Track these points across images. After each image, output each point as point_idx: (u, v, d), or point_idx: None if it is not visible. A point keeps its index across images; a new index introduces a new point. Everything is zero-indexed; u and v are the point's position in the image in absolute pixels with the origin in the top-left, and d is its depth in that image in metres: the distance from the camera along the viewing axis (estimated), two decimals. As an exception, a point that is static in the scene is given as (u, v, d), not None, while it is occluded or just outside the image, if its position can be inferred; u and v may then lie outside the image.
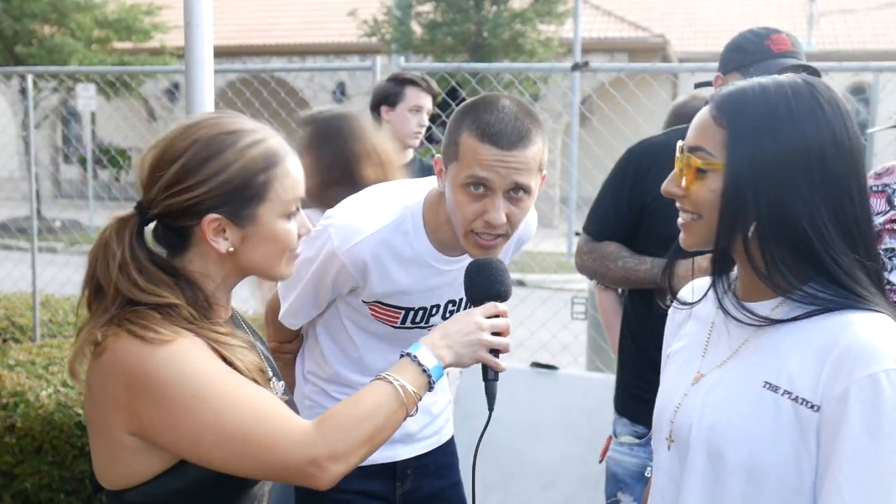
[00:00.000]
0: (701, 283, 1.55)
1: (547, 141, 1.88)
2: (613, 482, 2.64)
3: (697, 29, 21.30)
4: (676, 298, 1.54)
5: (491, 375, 1.63)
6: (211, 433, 1.36)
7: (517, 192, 1.81)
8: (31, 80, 5.16)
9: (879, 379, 1.19)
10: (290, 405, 1.57)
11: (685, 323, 1.55)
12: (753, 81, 1.35)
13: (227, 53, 19.95)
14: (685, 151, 1.36)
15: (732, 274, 1.52)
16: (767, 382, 1.29)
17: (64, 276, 5.75)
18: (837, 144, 1.30)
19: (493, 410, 1.64)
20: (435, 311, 2.10)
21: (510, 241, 2.09)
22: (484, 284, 1.67)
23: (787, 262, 1.30)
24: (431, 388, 1.53)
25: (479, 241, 1.85)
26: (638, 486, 2.56)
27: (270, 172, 1.48)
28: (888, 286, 2.28)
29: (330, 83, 19.41)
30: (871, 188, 2.24)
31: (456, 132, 1.84)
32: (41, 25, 15.88)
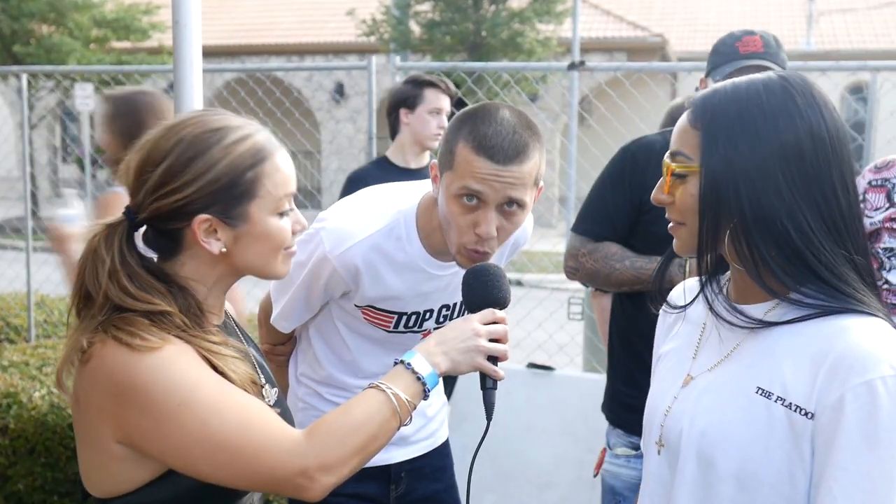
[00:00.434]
0: (692, 283, 1.53)
1: (545, 153, 1.85)
2: (611, 496, 2.57)
3: (697, 28, 21.28)
4: (667, 302, 1.52)
5: (489, 384, 1.58)
6: (198, 443, 1.33)
7: (511, 205, 1.78)
8: (25, 79, 5.14)
9: (876, 386, 1.17)
10: (283, 414, 1.55)
11: (677, 324, 1.53)
12: (728, 82, 1.34)
13: (225, 53, 19.94)
14: (670, 157, 1.35)
15: (725, 275, 1.50)
16: (760, 388, 1.26)
17: (59, 276, 5.71)
18: (814, 138, 1.27)
19: (490, 420, 1.59)
20: (428, 315, 2.08)
21: (505, 245, 2.07)
22: (482, 291, 1.63)
23: (776, 261, 1.27)
24: (426, 396, 1.48)
25: (468, 253, 1.83)
26: (636, 498, 2.51)
27: (259, 168, 1.44)
28: (887, 286, 2.26)
29: (328, 83, 19.39)
30: (869, 183, 2.22)
31: (453, 140, 1.81)
32: (39, 25, 15.88)
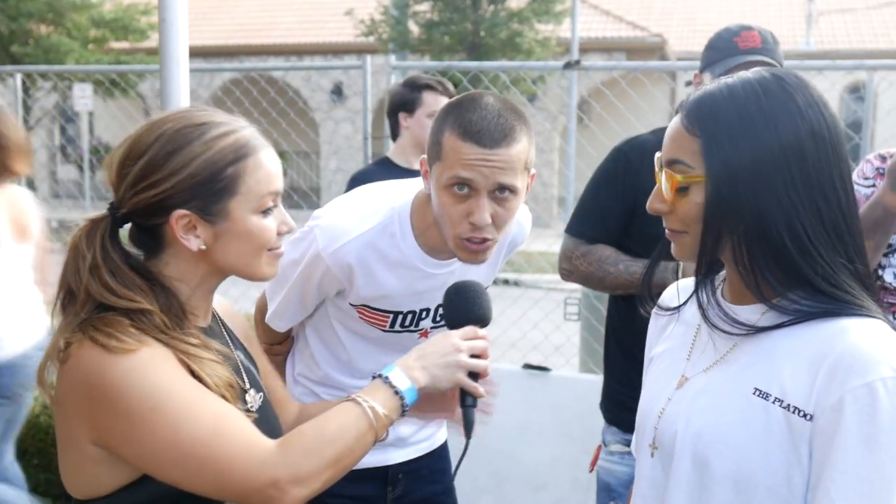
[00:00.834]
0: (686, 284, 1.51)
1: (534, 138, 1.84)
2: (605, 492, 2.57)
3: (696, 28, 21.25)
4: (658, 304, 1.50)
5: (469, 401, 1.56)
6: (168, 448, 1.31)
7: (503, 191, 1.77)
8: (19, 79, 5.14)
9: (876, 388, 1.15)
10: (268, 420, 1.52)
11: (670, 325, 1.50)
12: (721, 83, 1.29)
13: (224, 53, 19.96)
14: (666, 166, 1.31)
15: (720, 275, 1.48)
16: (758, 389, 1.24)
17: (57, 275, 5.70)
18: (816, 137, 1.24)
19: (470, 438, 1.57)
20: (425, 314, 2.06)
21: (502, 243, 2.06)
22: (463, 308, 1.61)
23: (771, 269, 1.25)
24: (405, 411, 1.45)
25: (467, 245, 1.81)
26: None
27: (240, 165, 1.42)
28: (883, 285, 2.24)
29: (327, 83, 19.39)
30: (878, 170, 2.26)
31: (439, 132, 1.80)
32: (37, 25, 15.88)
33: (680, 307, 1.47)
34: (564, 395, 3.81)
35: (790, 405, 1.21)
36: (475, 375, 1.54)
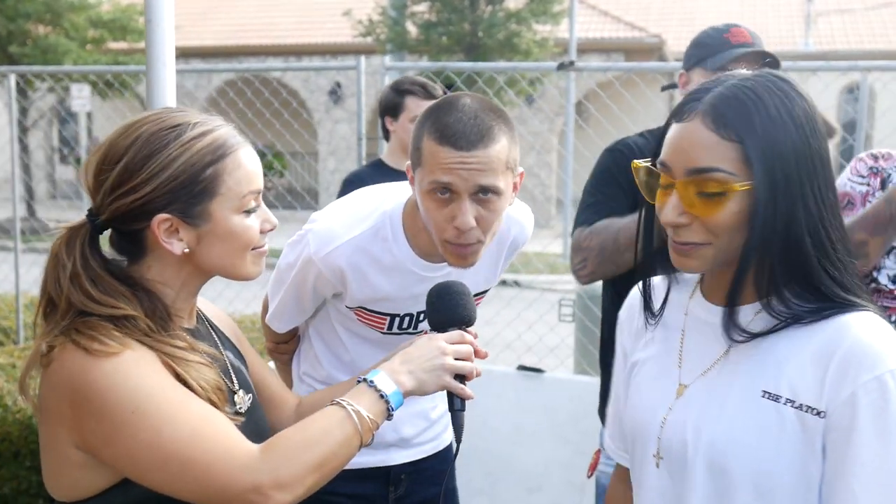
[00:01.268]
0: (655, 283, 1.49)
1: (517, 137, 1.82)
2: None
3: (695, 29, 20.94)
4: (650, 310, 1.47)
5: (458, 405, 1.53)
6: (149, 452, 1.30)
7: (485, 193, 1.75)
8: (13, 79, 5.12)
9: (886, 380, 1.18)
10: (256, 421, 1.51)
11: (647, 328, 1.48)
12: (734, 85, 1.26)
13: (223, 54, 19.95)
14: (690, 175, 1.24)
15: (689, 276, 1.45)
16: (766, 392, 1.25)
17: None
18: (824, 139, 1.27)
19: (460, 443, 1.56)
20: (423, 317, 2.05)
21: (502, 244, 2.06)
22: (446, 310, 1.59)
23: (784, 271, 1.25)
24: (390, 415, 1.44)
25: (454, 249, 1.81)
26: None
27: (219, 165, 1.40)
28: (878, 287, 2.24)
29: (325, 83, 19.37)
30: (871, 168, 2.25)
31: (418, 137, 1.80)
32: (35, 25, 15.85)
33: (658, 316, 1.45)
34: (559, 396, 3.80)
35: (802, 405, 1.22)
36: (463, 378, 1.52)
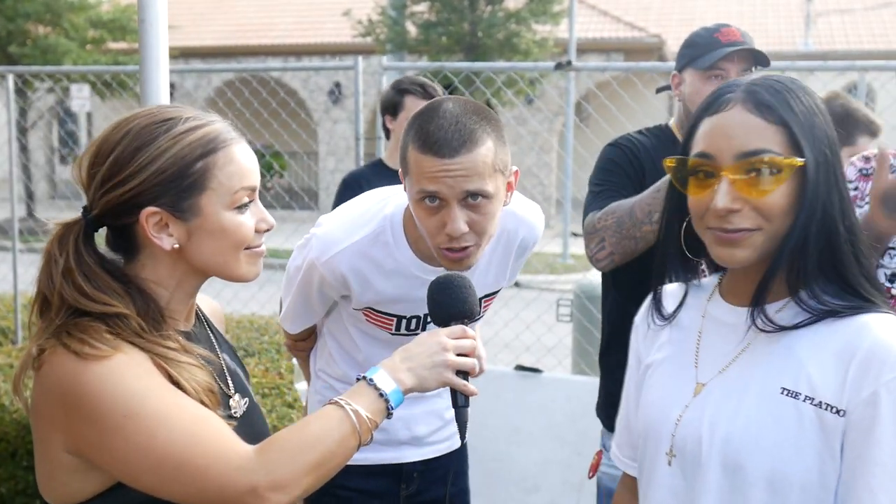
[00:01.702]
0: (672, 289, 1.50)
1: (504, 137, 1.80)
2: (608, 498, 2.49)
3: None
4: (660, 312, 1.47)
5: (461, 401, 1.52)
6: (143, 455, 1.28)
7: (474, 198, 1.74)
8: (11, 79, 5.12)
9: None
10: (252, 425, 1.50)
11: (662, 332, 1.48)
12: (762, 79, 1.29)
13: (223, 54, 19.95)
14: (740, 159, 1.24)
15: (707, 281, 1.46)
16: (785, 388, 1.25)
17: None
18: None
19: (464, 439, 1.56)
20: (430, 319, 2.05)
21: (511, 246, 2.06)
22: (447, 304, 1.58)
23: (816, 262, 1.26)
24: (390, 414, 1.42)
25: (448, 254, 1.80)
26: None
27: (210, 159, 1.38)
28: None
29: (325, 83, 19.36)
30: (861, 171, 2.24)
31: (405, 146, 1.80)
32: (35, 26, 15.85)
33: (671, 317, 1.45)
34: (556, 396, 3.80)
35: (822, 402, 1.22)
36: (465, 375, 1.50)
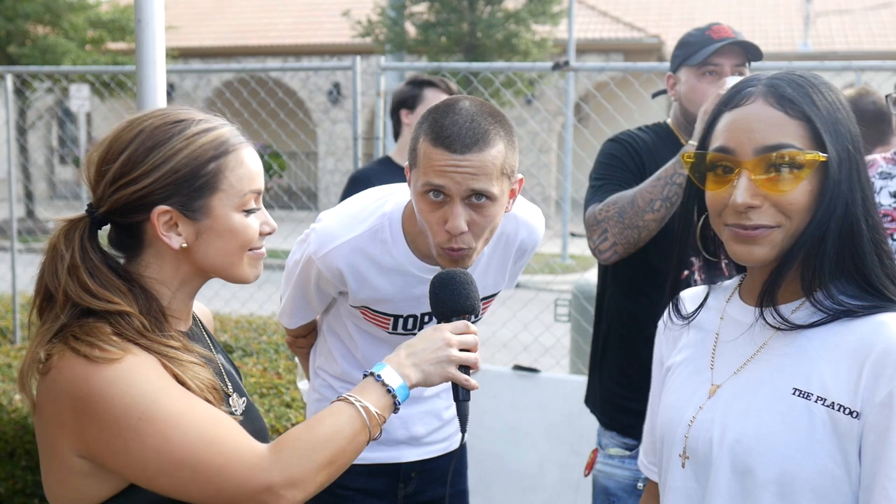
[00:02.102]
0: (694, 292, 1.50)
1: (516, 143, 1.81)
2: (604, 496, 2.54)
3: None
4: (679, 312, 1.47)
5: (462, 395, 1.55)
6: (159, 458, 1.29)
7: (479, 198, 1.75)
8: (10, 79, 5.12)
9: None
10: (251, 423, 1.51)
11: (684, 334, 1.47)
12: (783, 74, 1.28)
13: (222, 54, 19.96)
14: (761, 153, 1.22)
15: (728, 283, 1.46)
16: (797, 389, 1.23)
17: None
18: None
19: (465, 433, 1.57)
20: (428, 318, 2.06)
21: (511, 248, 2.06)
22: (449, 300, 1.59)
23: (835, 260, 1.24)
24: (397, 409, 1.45)
25: (446, 253, 1.81)
26: (630, 499, 2.47)
27: (221, 161, 1.41)
28: None
29: (325, 84, 19.37)
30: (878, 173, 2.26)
31: (415, 138, 1.80)
32: (34, 26, 15.85)
33: (691, 318, 1.45)
34: (554, 396, 3.80)
35: (834, 403, 1.20)
36: (467, 369, 1.53)
